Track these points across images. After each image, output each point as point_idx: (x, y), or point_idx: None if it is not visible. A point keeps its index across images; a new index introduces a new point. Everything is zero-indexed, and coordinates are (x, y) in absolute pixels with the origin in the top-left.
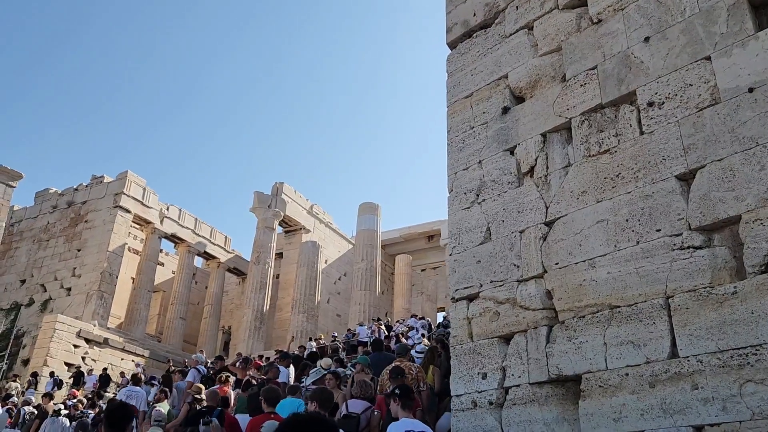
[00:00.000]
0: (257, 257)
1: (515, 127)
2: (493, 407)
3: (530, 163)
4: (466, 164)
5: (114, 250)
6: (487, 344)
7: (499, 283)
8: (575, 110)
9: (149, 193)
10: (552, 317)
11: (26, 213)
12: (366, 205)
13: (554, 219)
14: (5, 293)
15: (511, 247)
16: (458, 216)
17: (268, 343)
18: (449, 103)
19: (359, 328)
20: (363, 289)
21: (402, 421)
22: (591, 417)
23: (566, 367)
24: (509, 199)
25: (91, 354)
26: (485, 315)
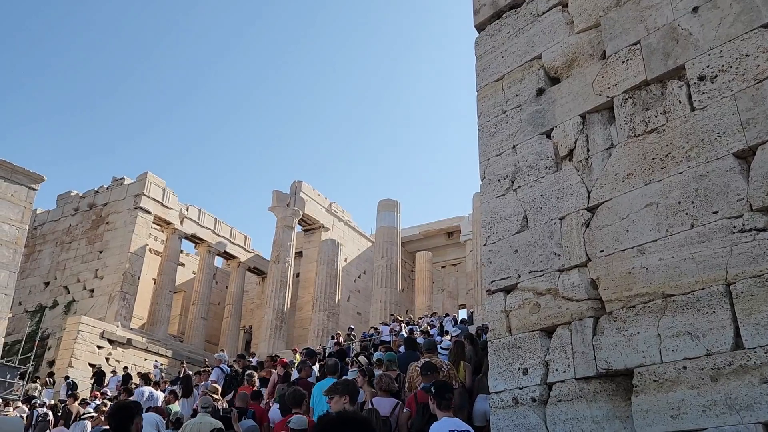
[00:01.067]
0: (277, 256)
1: (551, 109)
2: (536, 404)
3: (569, 146)
4: (499, 150)
5: (135, 251)
6: (528, 338)
7: (539, 273)
8: (617, 88)
9: (169, 193)
10: (598, 308)
11: (48, 216)
12: (385, 201)
13: (598, 204)
14: (30, 296)
15: (550, 234)
16: (492, 204)
17: (290, 342)
18: (479, 87)
19: (382, 327)
20: (383, 286)
21: (443, 421)
22: (646, 414)
23: (616, 361)
24: (547, 184)
25: (114, 355)
26: (524, 307)
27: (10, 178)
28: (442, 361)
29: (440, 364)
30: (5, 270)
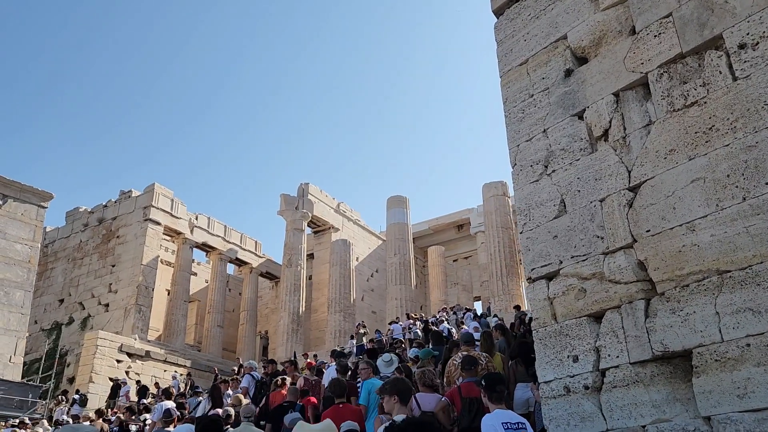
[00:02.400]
0: (289, 260)
1: (582, 90)
2: (589, 392)
3: (604, 126)
4: (529, 135)
5: (148, 263)
6: (575, 324)
7: (582, 257)
8: (651, 63)
9: (177, 203)
10: (648, 289)
11: (59, 233)
12: (394, 198)
13: (640, 183)
14: (45, 314)
15: (591, 217)
16: (526, 191)
17: (307, 345)
18: (502, 72)
19: (394, 326)
20: (398, 283)
21: (496, 413)
22: (709, 395)
23: (673, 343)
24: (583, 166)
25: (134, 368)
26: (569, 293)
27: (19, 197)
28: (479, 354)
29: (478, 356)
30: (20, 289)
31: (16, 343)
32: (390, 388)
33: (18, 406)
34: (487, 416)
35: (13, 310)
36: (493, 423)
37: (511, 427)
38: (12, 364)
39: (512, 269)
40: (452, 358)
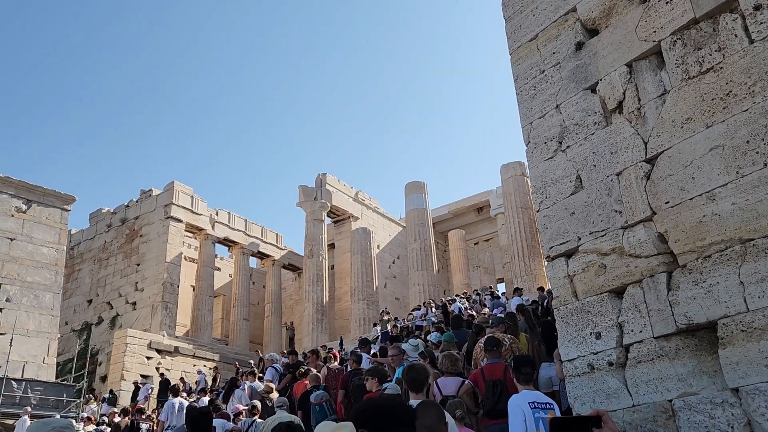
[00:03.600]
0: (310, 250)
1: (594, 63)
2: (614, 368)
3: (617, 98)
4: (542, 111)
5: (171, 260)
6: (596, 301)
7: (601, 233)
8: (663, 31)
9: (197, 200)
10: (670, 262)
11: (83, 235)
12: (412, 184)
13: (657, 154)
14: (75, 315)
15: (608, 192)
16: (541, 168)
17: (332, 334)
18: (512, 49)
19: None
20: (420, 269)
21: (523, 393)
22: (736, 366)
23: (696, 315)
24: (598, 140)
25: (164, 364)
26: (589, 270)
27: (43, 201)
28: (504, 335)
29: (502, 337)
30: (49, 292)
31: (49, 344)
32: (403, 377)
33: (54, 406)
34: (514, 396)
35: (43, 312)
36: (519, 403)
37: (539, 406)
38: (46, 365)
39: (534, 249)
40: (479, 341)
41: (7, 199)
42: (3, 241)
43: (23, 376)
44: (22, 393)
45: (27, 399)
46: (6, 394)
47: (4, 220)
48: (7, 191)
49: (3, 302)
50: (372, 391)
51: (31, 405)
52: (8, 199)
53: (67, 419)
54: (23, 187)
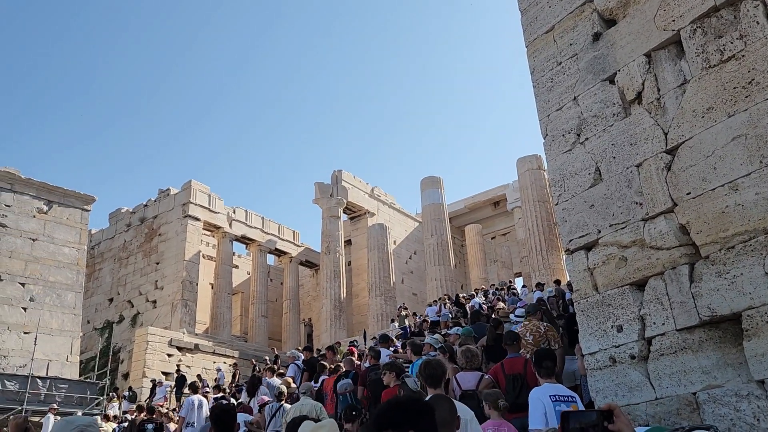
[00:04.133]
0: (327, 247)
1: (611, 53)
2: (636, 361)
3: (636, 89)
4: (559, 104)
5: (190, 258)
6: (617, 294)
7: (621, 225)
8: (683, 20)
9: (214, 198)
10: (692, 253)
11: (103, 235)
12: (428, 179)
13: (677, 145)
14: (96, 313)
15: (628, 184)
16: (559, 161)
17: (350, 330)
18: (528, 42)
19: (428, 309)
20: (436, 264)
21: (544, 387)
22: (762, 358)
23: (720, 307)
24: (617, 132)
25: (184, 361)
26: (609, 262)
27: (63, 202)
28: (539, 324)
29: (536, 326)
30: (71, 291)
31: (72, 342)
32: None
33: (78, 403)
34: (535, 389)
35: (66, 311)
36: (539, 396)
37: (560, 399)
38: (69, 363)
39: (551, 243)
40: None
41: (29, 200)
42: (26, 242)
43: (48, 374)
44: (47, 391)
45: (52, 397)
46: (32, 392)
47: (26, 221)
48: (29, 192)
49: (27, 302)
50: (389, 385)
51: (56, 402)
52: (30, 200)
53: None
54: (44, 188)
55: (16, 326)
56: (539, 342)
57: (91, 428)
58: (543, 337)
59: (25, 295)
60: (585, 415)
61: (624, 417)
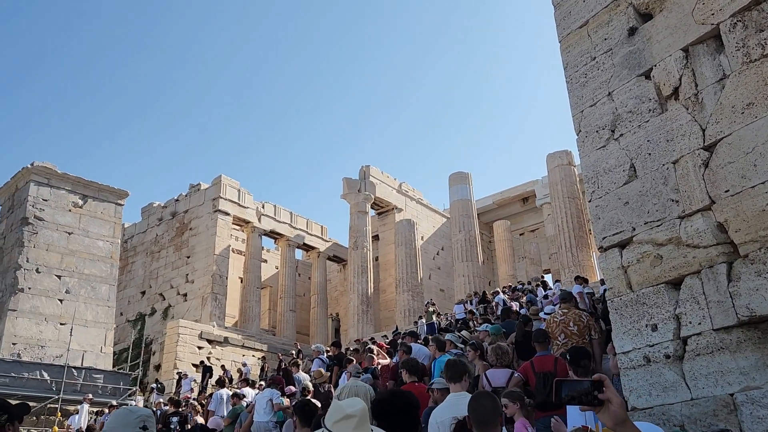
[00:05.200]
0: (354, 242)
1: (647, 48)
2: (670, 361)
3: (673, 84)
4: (593, 99)
5: (220, 252)
6: (652, 292)
7: (656, 223)
8: (723, 13)
9: (244, 193)
10: (730, 252)
11: (136, 229)
12: (457, 174)
13: (715, 141)
14: (129, 306)
15: (664, 181)
16: (593, 157)
17: (377, 325)
18: (561, 37)
19: (455, 307)
20: (464, 260)
21: None
22: None
23: (760, 306)
24: (653, 128)
25: (214, 353)
26: (644, 260)
27: (98, 196)
28: (580, 313)
29: (579, 315)
30: (105, 284)
31: (105, 334)
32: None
33: (111, 394)
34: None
35: (100, 303)
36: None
37: None
38: (103, 354)
39: (581, 240)
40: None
41: (65, 194)
42: (62, 235)
43: (83, 364)
44: (82, 381)
45: (87, 386)
46: (68, 382)
47: (62, 214)
48: (65, 187)
49: (63, 293)
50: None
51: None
52: (66, 194)
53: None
54: (79, 182)
55: (53, 317)
56: (583, 332)
57: (150, 419)
58: (586, 327)
59: (61, 287)
60: (577, 384)
61: (612, 387)
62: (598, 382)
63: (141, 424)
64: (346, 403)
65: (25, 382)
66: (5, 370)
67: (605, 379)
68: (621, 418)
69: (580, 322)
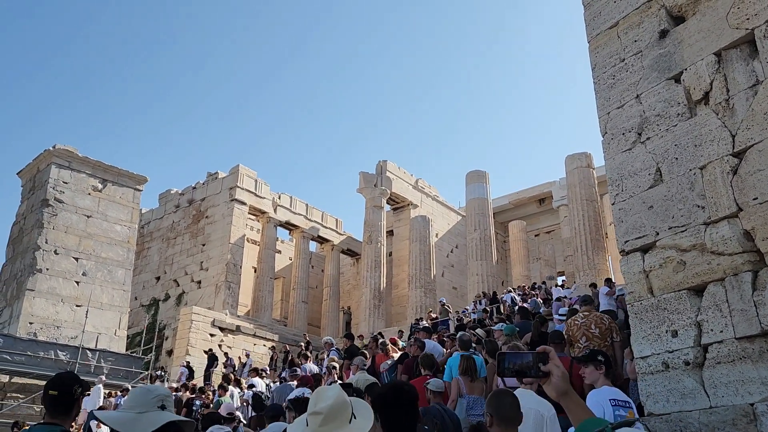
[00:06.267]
0: (369, 237)
1: (678, 51)
2: (690, 368)
3: (704, 89)
4: (620, 101)
5: (235, 241)
6: (674, 298)
7: (681, 228)
8: (758, 18)
9: (261, 183)
10: (756, 261)
11: (153, 215)
12: (474, 173)
13: (745, 148)
14: (144, 290)
15: (690, 186)
16: (618, 160)
17: (388, 320)
18: (590, 37)
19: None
20: (478, 259)
21: (603, 390)
22: None
23: None
24: (681, 132)
25: (226, 341)
26: (667, 266)
27: (117, 181)
28: (602, 315)
29: (601, 317)
30: (122, 268)
31: (120, 317)
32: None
33: (124, 376)
34: (594, 392)
35: (116, 287)
36: (599, 399)
37: (619, 404)
38: (117, 337)
39: (598, 243)
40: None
41: (85, 178)
42: (80, 218)
43: (97, 346)
44: (96, 362)
45: (100, 368)
46: (82, 363)
47: (81, 197)
48: (85, 170)
49: (80, 276)
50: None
51: (104, 374)
52: (86, 178)
53: (166, 388)
54: (99, 167)
55: (69, 299)
56: (606, 335)
57: (169, 399)
58: (608, 330)
59: (78, 270)
60: (521, 356)
61: (557, 359)
62: (543, 354)
63: (159, 403)
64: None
65: (40, 361)
66: (22, 348)
67: (550, 351)
68: (562, 389)
69: (602, 325)
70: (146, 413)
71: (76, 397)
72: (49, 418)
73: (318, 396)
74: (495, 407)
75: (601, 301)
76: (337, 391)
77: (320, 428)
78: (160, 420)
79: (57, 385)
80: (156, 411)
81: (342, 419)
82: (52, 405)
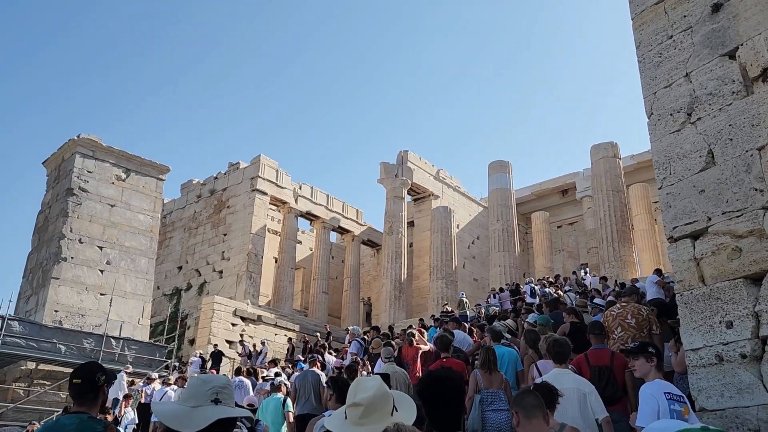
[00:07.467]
0: (390, 227)
1: (733, 26)
2: (747, 361)
3: (762, 65)
4: (668, 80)
5: (256, 231)
6: (729, 287)
7: (736, 213)
8: None
9: (282, 174)
10: None
11: (175, 204)
12: (496, 163)
13: None
14: (166, 280)
15: (747, 168)
16: (665, 142)
17: (409, 311)
18: (635, 13)
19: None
20: (501, 250)
21: (657, 383)
22: None
23: None
24: (736, 112)
25: (247, 331)
26: (720, 253)
27: (140, 171)
28: (640, 307)
29: (638, 308)
30: (145, 257)
31: (143, 306)
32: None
33: (147, 364)
34: (647, 384)
35: (139, 276)
36: (653, 392)
37: (674, 398)
38: (141, 326)
39: (624, 235)
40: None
41: (109, 167)
42: (104, 207)
43: (120, 334)
44: (120, 351)
45: (124, 356)
46: (106, 351)
47: (105, 187)
48: (109, 160)
49: (104, 264)
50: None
51: (128, 362)
52: (110, 167)
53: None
54: (123, 156)
55: (93, 287)
56: (642, 326)
57: (226, 389)
58: (646, 321)
59: (102, 258)
60: None
61: None
62: None
63: (213, 396)
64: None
65: (65, 348)
66: (47, 336)
67: None
68: None
69: (639, 315)
70: (199, 407)
71: (100, 385)
72: (77, 407)
73: (357, 386)
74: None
75: (649, 290)
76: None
77: (360, 420)
78: (212, 417)
79: (81, 374)
80: (209, 405)
81: (383, 412)
82: (77, 393)
